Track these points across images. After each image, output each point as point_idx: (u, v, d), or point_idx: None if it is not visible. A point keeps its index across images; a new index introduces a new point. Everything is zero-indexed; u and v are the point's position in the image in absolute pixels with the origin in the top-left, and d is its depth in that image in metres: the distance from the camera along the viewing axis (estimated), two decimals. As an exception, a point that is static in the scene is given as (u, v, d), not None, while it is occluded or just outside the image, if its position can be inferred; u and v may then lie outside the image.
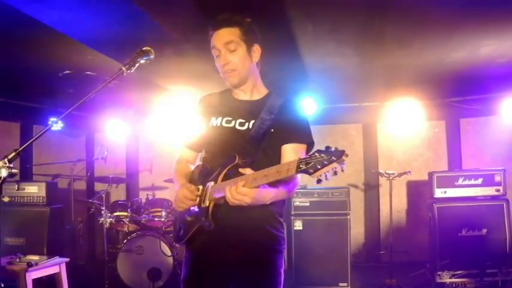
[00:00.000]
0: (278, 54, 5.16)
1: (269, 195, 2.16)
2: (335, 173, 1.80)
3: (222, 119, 2.39)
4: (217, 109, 2.45)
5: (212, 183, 2.24)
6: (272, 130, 2.29)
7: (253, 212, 2.18)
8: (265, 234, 2.28)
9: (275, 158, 2.29)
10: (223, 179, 2.20)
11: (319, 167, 1.80)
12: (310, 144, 2.36)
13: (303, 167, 1.84)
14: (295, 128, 2.33)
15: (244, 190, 2.03)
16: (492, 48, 5.09)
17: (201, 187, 2.29)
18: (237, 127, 2.34)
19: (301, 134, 2.34)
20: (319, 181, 1.81)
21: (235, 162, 2.20)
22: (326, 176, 1.80)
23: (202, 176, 2.37)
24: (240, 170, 2.15)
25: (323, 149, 1.86)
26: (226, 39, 2.30)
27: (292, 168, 1.89)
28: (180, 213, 2.38)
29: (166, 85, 5.72)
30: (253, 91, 2.44)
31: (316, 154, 1.84)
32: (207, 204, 2.21)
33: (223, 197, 2.12)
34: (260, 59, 2.44)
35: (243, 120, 2.35)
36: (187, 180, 2.45)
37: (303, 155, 2.11)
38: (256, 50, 2.39)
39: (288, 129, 2.31)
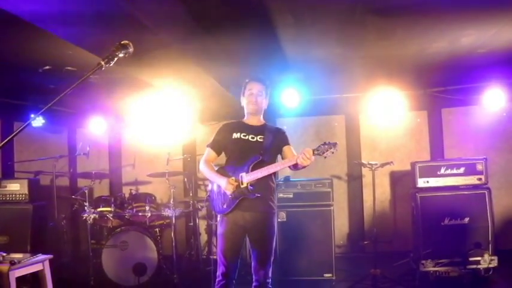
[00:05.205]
0: (260, 46, 5.15)
1: None
2: (332, 153, 3.52)
3: (240, 134, 3.95)
4: (236, 128, 4.00)
5: (244, 173, 3.73)
6: (274, 142, 3.92)
7: (263, 189, 3.78)
8: (267, 204, 3.84)
9: (274, 157, 3.95)
10: (252, 170, 3.73)
11: (325, 151, 3.51)
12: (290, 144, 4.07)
13: (316, 152, 3.51)
14: (286, 139, 4.03)
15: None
16: (472, 38, 5.14)
17: (234, 178, 3.77)
18: (250, 139, 3.92)
19: (288, 141, 4.03)
20: (325, 157, 3.55)
21: (260, 159, 3.75)
22: (328, 155, 3.53)
23: (231, 172, 3.83)
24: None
25: (324, 142, 3.55)
26: (259, 90, 3.99)
27: (311, 154, 3.51)
28: (221, 195, 3.87)
29: (150, 80, 5.67)
30: (258, 121, 4.07)
31: (321, 146, 3.53)
32: (245, 185, 3.71)
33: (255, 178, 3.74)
34: (266, 106, 4.12)
35: (253, 135, 3.94)
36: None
37: (293, 151, 3.91)
38: (266, 101, 4.07)
39: (283, 140, 4.01)
